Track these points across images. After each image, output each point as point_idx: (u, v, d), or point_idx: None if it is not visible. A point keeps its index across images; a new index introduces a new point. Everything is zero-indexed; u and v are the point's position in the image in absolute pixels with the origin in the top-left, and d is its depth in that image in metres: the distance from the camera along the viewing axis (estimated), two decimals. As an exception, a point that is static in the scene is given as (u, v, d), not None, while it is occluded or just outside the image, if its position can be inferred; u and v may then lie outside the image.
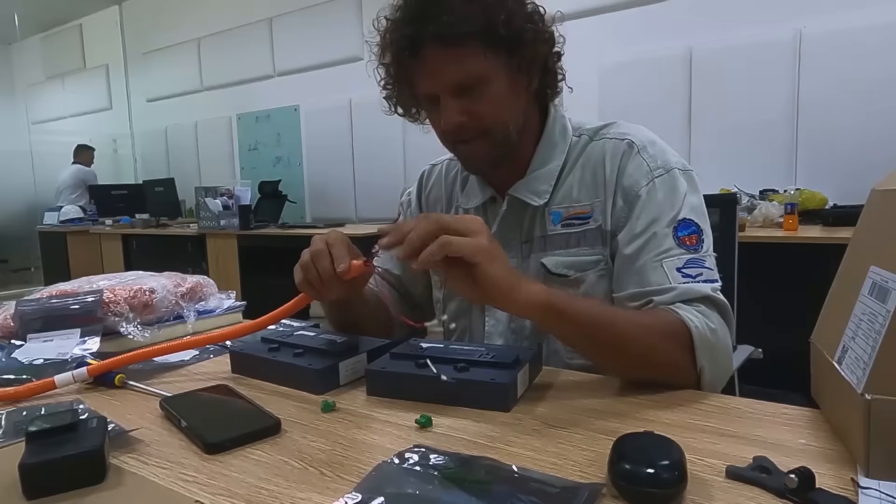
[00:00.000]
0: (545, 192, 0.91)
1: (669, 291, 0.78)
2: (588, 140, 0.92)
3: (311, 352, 0.81)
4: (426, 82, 0.85)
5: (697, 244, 0.82)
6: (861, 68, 2.99)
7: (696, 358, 0.74)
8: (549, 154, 0.92)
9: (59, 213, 6.06)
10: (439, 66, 0.82)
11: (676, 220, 0.82)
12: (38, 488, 0.51)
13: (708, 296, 0.78)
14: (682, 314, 0.75)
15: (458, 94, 0.83)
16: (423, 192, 1.09)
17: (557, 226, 0.91)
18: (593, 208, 0.89)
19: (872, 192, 0.62)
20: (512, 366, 0.70)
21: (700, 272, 0.80)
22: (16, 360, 0.89)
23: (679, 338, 0.74)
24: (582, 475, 0.52)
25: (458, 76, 0.82)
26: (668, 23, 3.57)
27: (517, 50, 0.83)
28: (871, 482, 0.48)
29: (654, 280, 0.80)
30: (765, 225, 2.84)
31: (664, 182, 0.84)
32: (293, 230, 4.24)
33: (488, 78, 0.83)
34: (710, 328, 0.75)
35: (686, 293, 0.78)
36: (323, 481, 0.52)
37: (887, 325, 0.50)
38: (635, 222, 0.84)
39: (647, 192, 0.84)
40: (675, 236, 0.81)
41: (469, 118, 0.84)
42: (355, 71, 5.08)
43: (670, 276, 0.80)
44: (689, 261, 0.80)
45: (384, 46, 0.87)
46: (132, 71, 7.18)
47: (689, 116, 3.51)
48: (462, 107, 0.83)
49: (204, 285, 1.16)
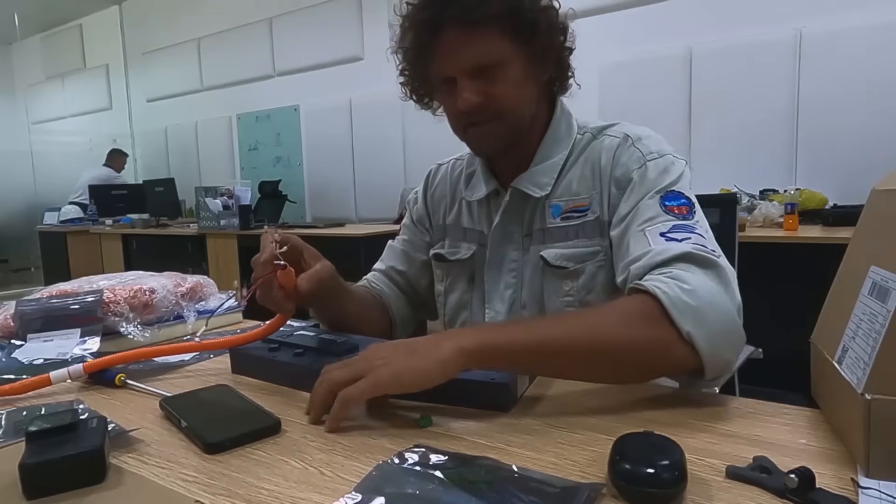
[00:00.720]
0: (547, 184, 0.92)
1: (644, 256, 0.73)
2: (591, 138, 0.94)
3: (311, 352, 0.81)
4: (445, 62, 0.85)
5: (688, 214, 0.78)
6: (861, 68, 3.00)
7: (677, 327, 0.64)
8: (553, 148, 0.94)
9: (59, 213, 6.06)
10: (458, 47, 0.83)
11: (665, 190, 0.80)
12: (38, 488, 0.51)
13: (686, 253, 0.70)
14: (646, 285, 0.68)
15: (475, 75, 0.84)
16: (428, 190, 1.11)
17: (557, 219, 0.92)
18: (591, 200, 0.90)
19: (872, 192, 0.62)
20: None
21: (688, 237, 0.73)
22: (16, 360, 0.89)
23: (651, 313, 0.66)
24: (582, 475, 0.52)
25: (476, 57, 0.83)
26: (668, 23, 3.57)
27: (534, 38, 0.85)
28: (871, 482, 0.48)
29: (634, 249, 0.76)
30: (765, 225, 2.84)
31: (657, 164, 0.84)
32: (293, 230, 4.24)
33: (505, 61, 0.84)
34: (685, 289, 0.66)
35: (661, 253, 0.72)
36: (323, 481, 0.52)
37: (887, 325, 0.50)
38: (624, 204, 0.84)
39: (639, 175, 0.84)
40: (662, 205, 0.79)
41: (485, 99, 0.85)
42: (355, 71, 5.09)
43: (651, 241, 0.75)
44: (675, 226, 0.75)
45: (405, 29, 0.89)
46: (132, 71, 7.18)
47: (689, 116, 3.52)
48: (478, 88, 0.84)
49: (204, 285, 1.16)
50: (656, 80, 3.56)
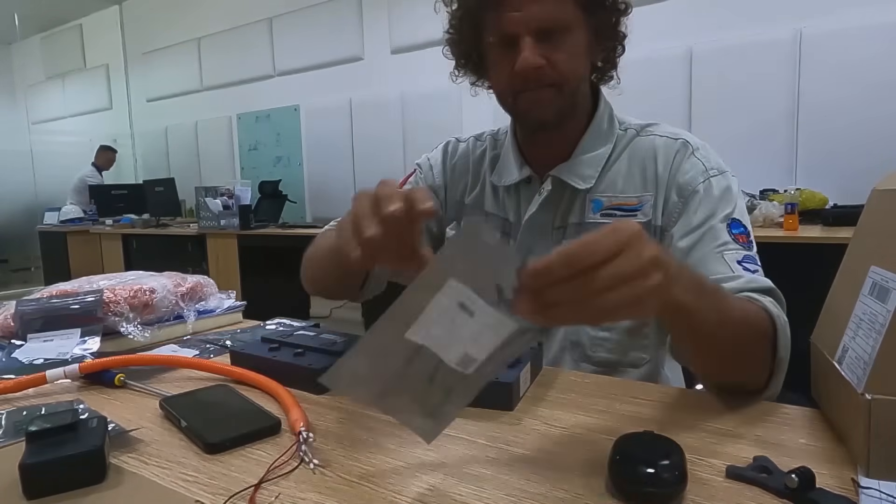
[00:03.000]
0: (591, 177, 0.89)
1: (737, 279, 0.76)
2: (634, 134, 0.92)
3: (311, 352, 0.81)
4: (509, 18, 0.81)
5: (747, 244, 0.81)
6: (861, 68, 2.99)
7: (776, 350, 0.68)
8: (598, 140, 0.91)
9: (59, 212, 6.06)
10: (528, 4, 0.80)
11: (730, 217, 0.82)
12: (38, 488, 0.51)
13: (774, 289, 0.76)
14: (767, 304, 0.71)
15: (539, 37, 0.81)
16: (448, 160, 1.04)
17: (597, 214, 0.89)
18: (642, 202, 0.87)
19: (872, 192, 0.62)
20: (514, 365, 0.70)
21: (757, 269, 0.79)
22: (16, 359, 0.89)
23: (768, 331, 0.69)
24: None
25: (544, 17, 0.80)
26: (668, 23, 3.57)
27: (600, 10, 0.84)
28: (872, 482, 0.48)
29: (719, 269, 0.78)
30: (765, 225, 2.84)
31: (719, 182, 0.85)
32: (293, 230, 4.24)
33: (570, 28, 0.82)
34: (784, 321, 0.71)
35: (753, 282, 0.75)
36: (323, 481, 0.52)
37: (887, 325, 0.50)
38: (692, 216, 0.83)
39: (704, 189, 0.84)
40: (730, 233, 0.81)
41: (546, 64, 0.81)
42: (355, 71, 5.09)
43: (733, 267, 0.77)
44: (745, 256, 0.79)
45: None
46: (132, 71, 7.18)
47: (689, 116, 3.51)
48: (542, 50, 0.81)
49: (204, 285, 1.16)
50: (656, 80, 3.55)
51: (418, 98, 4.67)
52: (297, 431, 0.59)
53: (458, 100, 4.30)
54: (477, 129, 1.07)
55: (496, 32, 0.83)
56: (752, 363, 0.67)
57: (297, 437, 0.58)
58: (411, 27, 4.64)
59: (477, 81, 0.95)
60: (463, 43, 0.91)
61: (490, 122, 1.09)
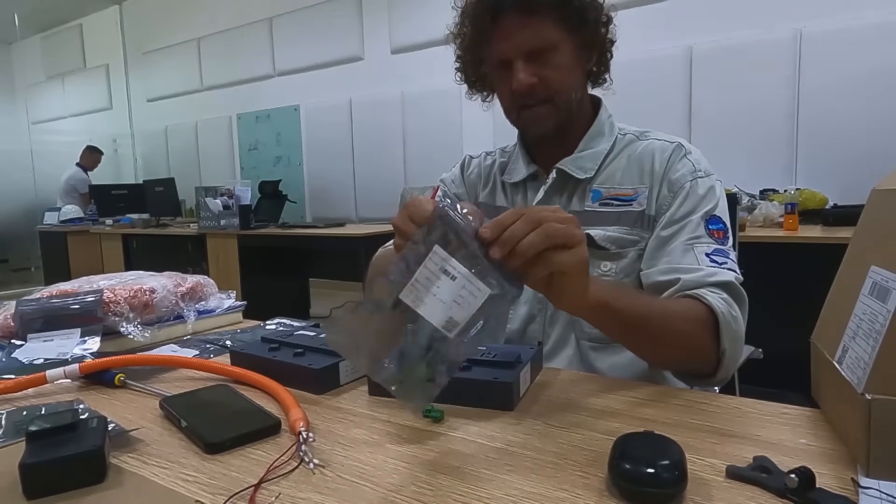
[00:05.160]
0: (590, 168, 0.99)
1: (697, 272, 0.85)
2: (634, 138, 1.02)
3: (311, 352, 0.81)
4: (502, 45, 0.92)
5: (723, 239, 0.90)
6: (861, 68, 3.00)
7: (720, 341, 0.79)
8: (597, 140, 1.01)
9: (60, 212, 6.05)
10: (516, 31, 0.90)
11: (710, 214, 0.91)
12: (38, 488, 0.51)
13: (731, 283, 0.84)
14: (710, 299, 0.80)
15: (529, 58, 0.91)
16: (465, 171, 1.17)
17: (595, 203, 0.98)
18: (637, 193, 0.96)
19: (872, 192, 0.62)
20: (514, 365, 0.71)
21: (725, 262, 0.87)
22: (16, 359, 0.89)
23: (707, 323, 0.79)
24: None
25: (531, 41, 0.90)
26: (668, 23, 3.57)
27: (582, 26, 0.93)
28: (871, 482, 0.48)
29: (685, 261, 0.88)
30: (765, 225, 2.84)
31: (705, 183, 0.93)
32: (293, 230, 4.24)
33: (556, 46, 0.91)
34: (733, 315, 0.81)
35: (711, 275, 0.84)
36: (323, 481, 0.52)
37: (887, 325, 0.50)
38: (676, 210, 0.92)
39: (691, 187, 0.93)
40: (707, 227, 0.90)
41: (538, 81, 0.91)
42: (355, 71, 5.09)
43: (699, 259, 0.87)
44: (716, 250, 0.88)
45: (464, 16, 0.97)
46: (132, 71, 7.18)
47: (689, 116, 3.52)
48: (533, 70, 0.91)
49: (204, 285, 1.16)
50: (656, 80, 3.55)
51: (418, 98, 4.67)
52: (297, 431, 0.59)
53: (457, 100, 4.29)
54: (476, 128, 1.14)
55: (495, 59, 0.95)
56: (682, 352, 0.79)
57: (297, 437, 0.58)
58: (411, 27, 4.65)
59: (487, 98, 1.07)
60: (470, 69, 1.03)
61: (489, 122, 1.12)
